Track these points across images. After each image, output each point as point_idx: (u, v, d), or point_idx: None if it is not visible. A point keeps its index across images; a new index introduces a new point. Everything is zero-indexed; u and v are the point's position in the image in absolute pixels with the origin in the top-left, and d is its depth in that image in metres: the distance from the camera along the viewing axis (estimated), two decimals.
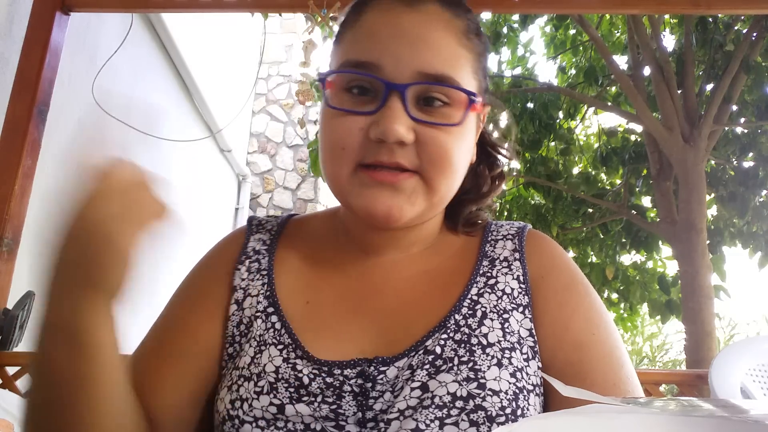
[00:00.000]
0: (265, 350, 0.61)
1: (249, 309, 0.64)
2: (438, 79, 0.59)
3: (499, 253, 0.67)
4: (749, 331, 8.00)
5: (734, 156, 5.04)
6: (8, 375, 1.81)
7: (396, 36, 0.59)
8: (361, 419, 0.56)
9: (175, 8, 2.37)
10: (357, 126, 0.58)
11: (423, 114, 0.59)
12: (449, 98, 0.60)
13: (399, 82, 0.58)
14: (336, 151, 0.60)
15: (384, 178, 0.58)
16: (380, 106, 0.58)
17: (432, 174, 0.59)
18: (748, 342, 1.86)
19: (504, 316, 0.61)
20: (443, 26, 0.60)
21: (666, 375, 1.98)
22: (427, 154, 0.58)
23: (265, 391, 0.57)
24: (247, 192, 5.81)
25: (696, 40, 4.41)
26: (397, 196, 0.59)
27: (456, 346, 0.58)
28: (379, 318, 0.63)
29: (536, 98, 5.04)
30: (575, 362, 0.60)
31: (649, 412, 0.27)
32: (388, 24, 0.59)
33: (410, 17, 0.59)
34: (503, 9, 2.16)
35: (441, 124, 0.59)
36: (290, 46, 6.46)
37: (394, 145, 0.58)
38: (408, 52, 0.58)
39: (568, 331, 0.61)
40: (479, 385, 0.55)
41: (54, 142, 2.44)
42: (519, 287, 0.64)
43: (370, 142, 0.58)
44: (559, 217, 5.41)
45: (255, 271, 0.67)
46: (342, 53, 0.62)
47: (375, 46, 0.59)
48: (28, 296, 1.85)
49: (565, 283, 0.65)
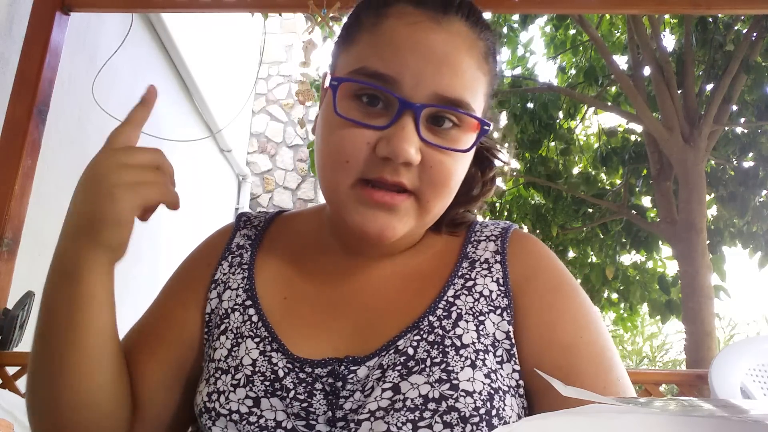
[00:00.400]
0: (242, 343, 0.61)
1: (227, 302, 0.66)
2: (454, 104, 0.58)
3: (480, 254, 0.66)
4: (749, 331, 7.99)
5: (734, 156, 5.04)
6: (8, 375, 1.82)
7: (419, 53, 0.56)
8: (331, 418, 0.56)
9: (175, 8, 2.37)
10: (364, 140, 0.57)
11: (432, 135, 0.58)
12: (460, 121, 0.59)
13: (415, 101, 0.56)
14: (339, 163, 0.58)
15: (382, 199, 0.57)
16: (391, 123, 0.56)
17: (429, 196, 0.59)
18: (748, 342, 1.86)
19: (480, 318, 0.60)
20: (467, 48, 0.59)
21: (666, 375, 1.98)
22: (428, 177, 0.58)
23: (242, 384, 0.58)
24: (247, 192, 5.81)
25: (696, 40, 4.41)
26: (391, 217, 0.58)
27: (429, 347, 0.58)
28: (355, 317, 0.63)
29: (536, 98, 5.04)
30: (564, 365, 0.58)
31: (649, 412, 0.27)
32: (411, 38, 0.57)
33: (436, 36, 0.57)
34: (503, 9, 2.16)
35: (450, 149, 0.58)
36: (290, 46, 6.46)
37: (400, 165, 0.56)
38: (430, 73, 0.56)
39: (555, 334, 0.60)
40: (452, 386, 0.55)
41: (54, 142, 2.44)
42: (498, 289, 0.62)
43: (375, 158, 0.57)
44: (559, 217, 5.41)
45: (236, 265, 0.68)
46: (357, 57, 0.59)
47: (396, 59, 0.56)
48: (28, 296, 1.85)
49: (552, 285, 0.63)
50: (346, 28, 0.64)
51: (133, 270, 3.45)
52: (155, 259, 3.71)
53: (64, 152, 2.66)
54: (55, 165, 2.55)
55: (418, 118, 0.56)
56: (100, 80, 2.71)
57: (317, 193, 6.14)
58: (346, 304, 0.64)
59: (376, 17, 0.60)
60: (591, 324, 0.61)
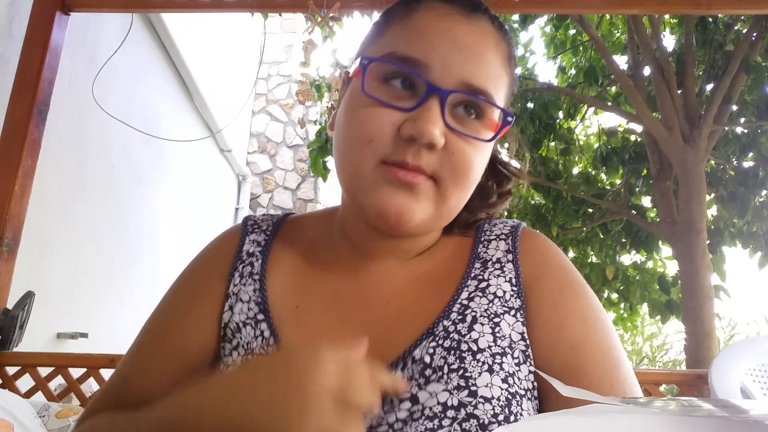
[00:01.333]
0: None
1: (238, 315, 0.64)
2: (480, 93, 0.58)
3: (492, 254, 0.66)
4: (749, 331, 8.00)
5: (734, 156, 5.04)
6: (8, 375, 1.82)
7: (448, 41, 0.58)
8: None
9: (175, 8, 2.37)
10: (390, 120, 0.57)
11: (456, 123, 0.58)
12: (483, 113, 0.59)
13: (443, 86, 0.57)
14: (362, 143, 0.58)
15: (405, 177, 0.57)
16: (418, 105, 0.57)
17: (448, 182, 0.58)
18: (748, 342, 1.86)
19: (495, 320, 0.60)
20: (493, 44, 0.60)
21: (666, 375, 1.98)
22: (450, 163, 0.58)
23: None
24: (247, 192, 5.81)
25: (696, 40, 4.41)
26: (411, 198, 0.58)
27: (445, 353, 0.57)
28: (368, 327, 0.61)
29: (536, 98, 5.04)
30: (571, 364, 0.58)
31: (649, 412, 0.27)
32: (441, 28, 0.59)
33: (465, 27, 0.59)
34: (503, 9, 2.15)
35: (474, 137, 0.58)
36: (290, 46, 6.46)
37: (423, 148, 0.56)
38: (459, 60, 0.57)
39: (564, 333, 0.60)
40: (470, 393, 0.54)
41: (54, 142, 2.44)
42: (511, 290, 0.62)
43: (399, 139, 0.57)
44: (559, 217, 5.41)
45: (247, 275, 0.66)
46: (387, 44, 0.60)
47: (425, 45, 0.58)
48: (28, 296, 1.85)
49: (560, 284, 0.63)
50: (375, 26, 0.65)
51: (133, 270, 3.45)
52: (155, 259, 3.72)
53: (64, 152, 2.66)
54: (55, 165, 2.56)
55: (445, 102, 0.57)
56: (100, 80, 2.72)
57: (317, 193, 6.15)
58: (357, 312, 0.63)
59: (408, 10, 0.62)
60: (599, 323, 0.61)
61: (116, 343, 3.00)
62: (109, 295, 3.16)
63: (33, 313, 1.90)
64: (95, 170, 2.95)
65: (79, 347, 2.70)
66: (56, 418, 1.54)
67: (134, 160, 3.39)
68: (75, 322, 2.80)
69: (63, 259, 2.67)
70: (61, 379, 1.86)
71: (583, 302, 0.63)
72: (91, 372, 1.85)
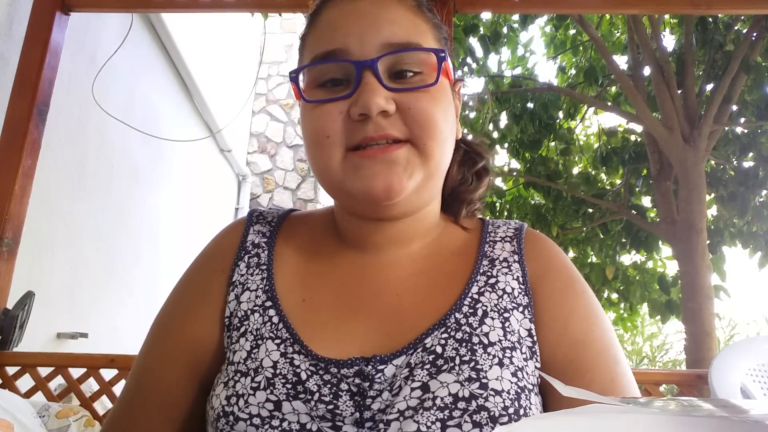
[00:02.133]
0: (262, 344, 0.60)
1: (246, 303, 0.64)
2: (405, 46, 0.60)
3: (499, 254, 0.67)
4: (749, 331, 8.00)
5: (734, 156, 5.04)
6: (8, 375, 1.81)
7: (356, 19, 0.60)
8: (359, 419, 0.55)
9: (175, 8, 2.37)
10: (337, 110, 0.59)
11: (399, 84, 0.60)
12: (420, 65, 0.61)
13: (368, 58, 0.59)
14: (321, 141, 0.60)
15: (375, 153, 0.58)
16: (356, 86, 0.58)
17: (423, 139, 0.59)
18: (748, 342, 1.86)
19: (505, 315, 0.61)
20: (397, 4, 0.62)
21: (666, 375, 1.98)
22: (412, 119, 0.59)
23: (262, 387, 0.57)
24: (247, 192, 5.81)
25: (696, 40, 4.41)
26: (393, 169, 0.58)
27: (457, 345, 0.58)
28: (378, 318, 0.62)
29: (536, 98, 5.04)
30: (574, 360, 0.60)
31: (649, 412, 0.27)
32: (345, 11, 0.61)
33: (365, 2, 0.62)
34: (503, 9, 2.16)
35: (417, 87, 0.60)
36: (290, 46, 6.46)
37: (378, 118, 0.58)
38: (371, 30, 0.60)
39: (567, 330, 0.62)
40: (481, 386, 0.55)
41: (54, 142, 2.44)
42: (519, 287, 0.64)
43: (353, 123, 0.58)
44: (559, 217, 5.41)
45: (254, 265, 0.67)
46: (308, 54, 0.64)
47: (338, 33, 0.60)
48: (28, 296, 1.85)
49: (563, 283, 0.65)
50: (299, 45, 0.68)
51: (133, 270, 3.45)
52: (155, 259, 3.71)
53: (64, 152, 2.66)
54: (55, 165, 2.56)
55: (377, 71, 0.58)
56: (100, 80, 2.72)
57: (317, 193, 6.14)
58: (367, 304, 0.63)
59: (314, 17, 0.65)
60: (599, 320, 0.64)
61: (116, 343, 3.00)
62: (109, 295, 3.16)
63: (33, 313, 1.90)
64: (95, 170, 2.95)
65: (79, 347, 2.70)
66: (56, 418, 1.54)
67: (134, 160, 3.39)
68: (75, 322, 2.79)
69: (63, 259, 2.67)
70: (61, 379, 1.86)
71: (585, 301, 0.65)
72: (91, 372, 1.85)
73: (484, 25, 4.97)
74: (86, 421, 1.57)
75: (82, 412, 1.59)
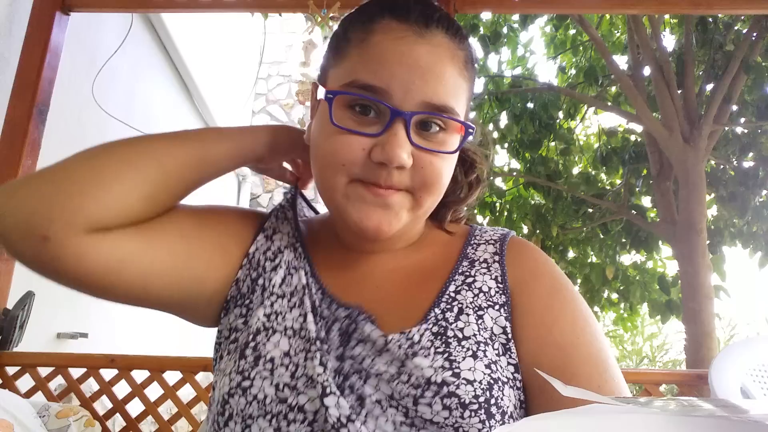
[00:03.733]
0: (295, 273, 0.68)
1: (278, 241, 0.72)
2: (440, 110, 0.62)
3: (480, 255, 0.70)
4: (749, 331, 8.00)
5: (734, 156, 5.04)
6: (8, 375, 1.82)
7: (406, 65, 0.61)
8: (341, 355, 0.62)
9: (175, 8, 2.38)
10: (360, 146, 0.61)
11: (421, 140, 0.62)
12: (446, 125, 0.63)
13: (405, 109, 0.61)
14: (335, 165, 0.63)
15: (377, 194, 0.62)
16: (384, 130, 0.61)
17: (421, 194, 0.64)
18: (748, 342, 1.86)
19: (479, 312, 0.64)
20: (449, 58, 0.63)
21: (666, 375, 1.98)
22: (420, 178, 0.63)
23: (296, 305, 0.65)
24: (247, 192, 5.81)
25: (696, 40, 4.41)
26: (387, 213, 0.63)
27: (433, 337, 0.61)
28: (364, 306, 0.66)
29: (536, 98, 5.04)
30: (560, 365, 0.61)
31: (649, 412, 0.27)
32: (398, 52, 0.61)
33: (421, 48, 0.62)
34: (503, 9, 2.16)
35: (440, 151, 0.63)
36: (290, 46, 6.46)
37: (393, 169, 0.61)
38: (417, 83, 0.61)
39: (553, 335, 0.63)
40: (454, 374, 0.58)
41: (54, 142, 2.44)
42: (496, 287, 0.66)
43: (370, 163, 0.61)
44: (559, 217, 5.41)
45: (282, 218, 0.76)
46: (348, 71, 0.63)
47: (385, 72, 0.61)
48: (28, 296, 1.85)
49: (551, 288, 0.66)
50: (335, 42, 0.68)
51: None
52: None
53: (64, 152, 2.65)
54: None
55: (409, 124, 0.61)
56: (100, 80, 2.72)
57: (317, 193, 6.14)
58: (348, 297, 0.67)
59: (363, 32, 0.64)
60: (587, 327, 0.64)
61: (116, 343, 2.99)
62: None
63: (33, 313, 1.90)
64: None
65: (79, 347, 2.70)
66: (56, 418, 1.54)
67: None
68: (75, 322, 2.80)
69: None
70: (61, 379, 1.86)
71: (573, 308, 0.66)
72: (91, 372, 1.85)
73: (484, 25, 4.97)
74: (86, 421, 1.58)
75: (82, 412, 1.60)
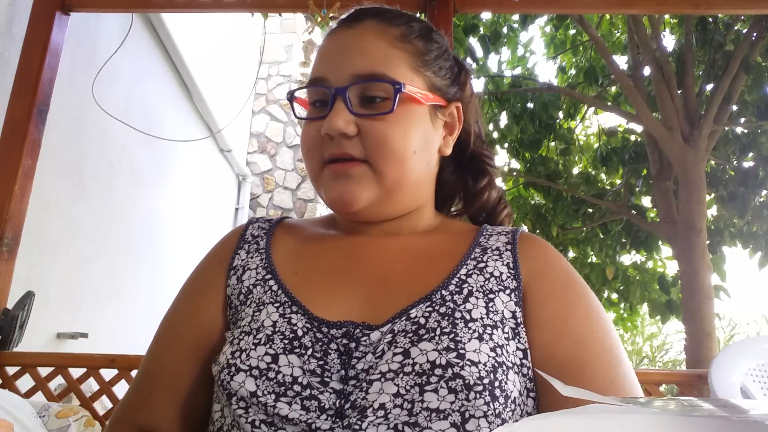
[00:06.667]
0: (263, 308, 0.67)
1: (248, 280, 0.72)
2: (369, 77, 0.68)
3: (492, 244, 0.71)
4: (749, 331, 8.00)
5: (734, 156, 5.04)
6: (8, 375, 1.81)
7: (335, 51, 0.71)
8: (344, 377, 0.61)
9: (175, 8, 2.37)
10: (315, 129, 0.70)
11: (364, 109, 0.68)
12: (386, 93, 0.68)
13: (339, 86, 0.68)
14: (306, 153, 0.72)
15: (338, 168, 0.68)
16: (329, 110, 0.68)
17: (377, 160, 0.67)
18: (748, 342, 1.86)
19: (489, 296, 0.65)
20: (374, 35, 0.70)
21: (666, 375, 1.98)
22: (369, 143, 0.67)
23: (262, 343, 0.63)
24: (247, 192, 5.81)
25: (696, 40, 4.41)
26: (347, 183, 0.68)
27: (440, 317, 0.62)
28: (366, 284, 0.68)
29: (536, 98, 5.04)
30: (575, 357, 0.62)
31: (649, 412, 0.27)
32: (331, 44, 0.72)
33: (348, 33, 0.71)
34: (503, 9, 2.16)
35: (375, 114, 0.68)
36: (290, 46, 6.46)
37: (341, 138, 0.67)
38: (345, 61, 0.69)
39: (568, 326, 0.64)
40: (458, 355, 0.58)
41: (54, 142, 2.44)
42: (508, 272, 0.67)
43: (325, 141, 0.68)
44: (559, 217, 5.41)
45: (254, 251, 0.75)
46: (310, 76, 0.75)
47: (322, 63, 0.72)
48: (28, 296, 1.85)
49: (564, 281, 0.68)
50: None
51: (133, 270, 3.45)
52: (155, 259, 3.71)
53: (64, 152, 2.66)
54: (55, 165, 2.56)
55: (346, 98, 0.67)
56: (100, 80, 2.72)
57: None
58: (356, 275, 0.69)
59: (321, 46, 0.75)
60: (601, 320, 0.66)
61: (116, 343, 3.00)
62: (109, 295, 3.16)
63: (33, 313, 1.90)
64: (95, 170, 2.95)
65: (79, 347, 2.70)
66: (56, 418, 1.54)
67: (134, 160, 3.39)
68: (75, 322, 2.80)
69: (63, 259, 2.67)
70: (61, 379, 1.86)
71: (587, 302, 0.67)
72: (91, 372, 1.85)
73: (484, 25, 4.97)
74: (86, 421, 1.57)
75: (82, 412, 1.59)
